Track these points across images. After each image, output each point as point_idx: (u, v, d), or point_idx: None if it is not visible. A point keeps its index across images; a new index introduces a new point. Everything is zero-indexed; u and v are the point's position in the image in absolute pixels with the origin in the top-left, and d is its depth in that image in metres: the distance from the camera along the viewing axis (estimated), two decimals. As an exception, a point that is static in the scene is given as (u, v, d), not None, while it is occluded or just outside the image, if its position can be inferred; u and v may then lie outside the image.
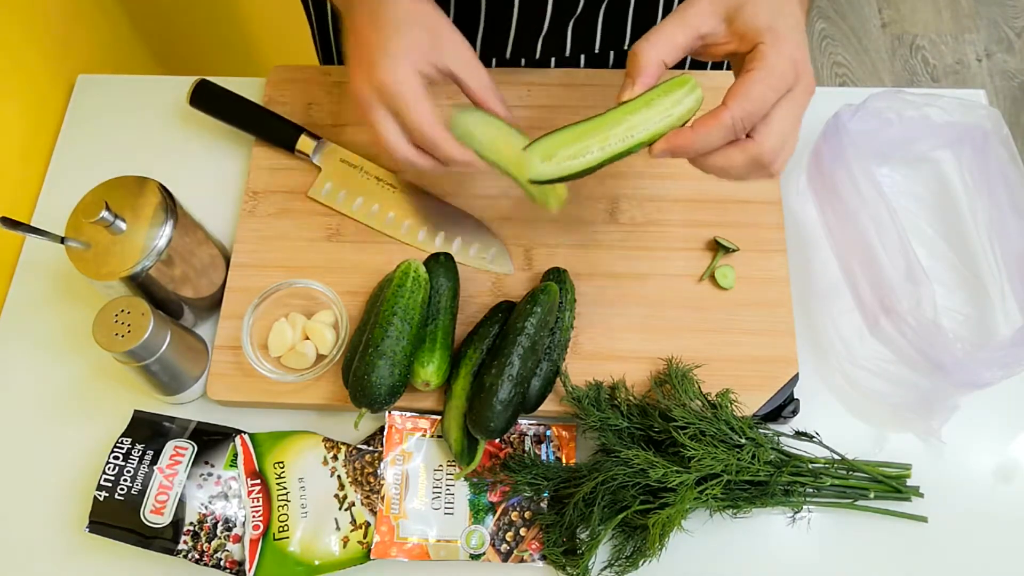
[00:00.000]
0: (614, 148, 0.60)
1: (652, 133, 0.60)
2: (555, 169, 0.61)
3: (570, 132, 0.61)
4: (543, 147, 0.61)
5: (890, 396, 0.75)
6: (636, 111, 0.60)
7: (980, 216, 0.83)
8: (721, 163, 0.59)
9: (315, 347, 0.75)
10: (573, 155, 0.60)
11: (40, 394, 0.79)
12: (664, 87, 0.60)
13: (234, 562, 0.70)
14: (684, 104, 0.60)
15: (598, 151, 0.60)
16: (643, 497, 0.68)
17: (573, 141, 0.60)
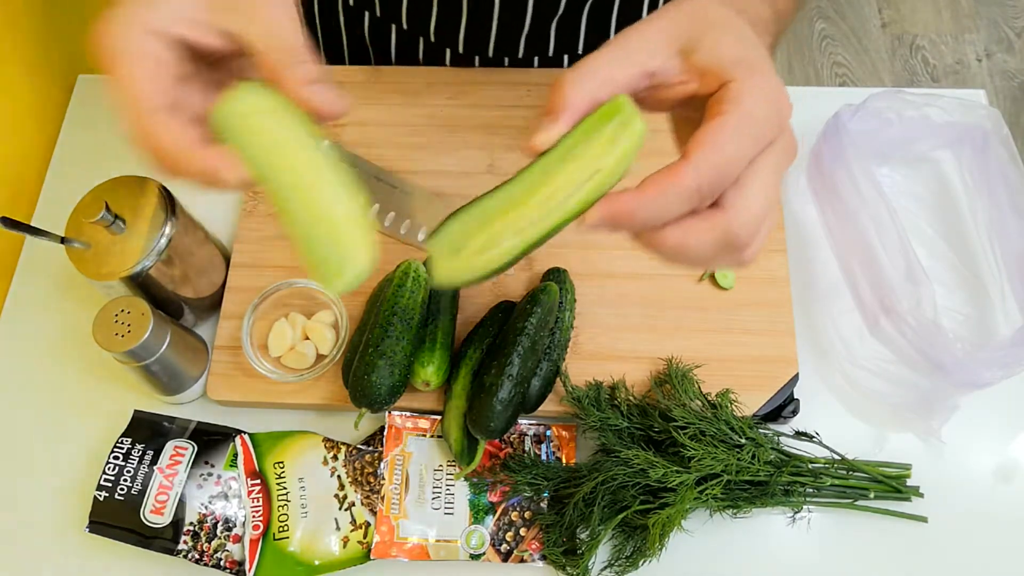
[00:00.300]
0: (533, 231, 0.43)
1: (580, 200, 0.43)
2: (463, 270, 0.44)
3: (476, 211, 0.44)
4: (450, 237, 0.44)
5: (890, 396, 0.75)
6: (556, 167, 0.43)
7: (980, 216, 0.83)
8: (678, 241, 0.42)
9: (315, 347, 0.75)
10: (483, 247, 0.44)
11: (40, 394, 0.79)
12: (587, 124, 0.43)
13: (234, 562, 0.70)
14: (618, 145, 0.42)
15: (514, 238, 0.43)
16: (643, 497, 0.68)
17: (480, 226, 0.44)
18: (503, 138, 0.86)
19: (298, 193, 0.44)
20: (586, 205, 0.43)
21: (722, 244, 0.42)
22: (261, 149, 0.44)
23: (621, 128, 0.43)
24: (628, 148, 0.43)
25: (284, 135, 0.45)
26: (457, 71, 0.90)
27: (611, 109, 0.43)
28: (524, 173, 0.44)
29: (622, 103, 0.43)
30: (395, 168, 0.85)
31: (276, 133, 0.45)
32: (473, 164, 0.85)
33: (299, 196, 0.44)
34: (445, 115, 0.88)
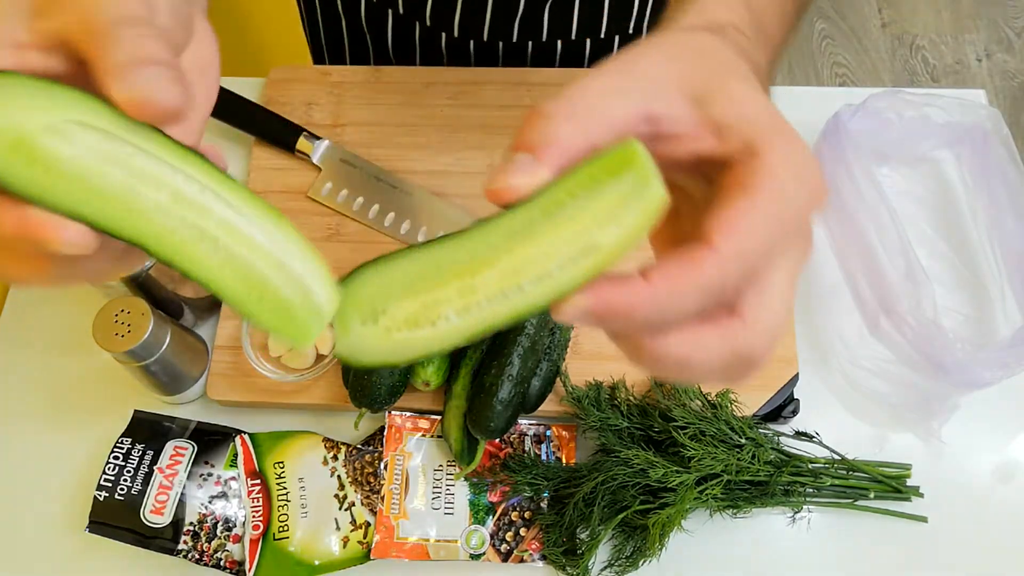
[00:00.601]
0: (486, 314, 0.31)
1: (561, 283, 0.30)
2: (376, 347, 0.32)
3: (408, 266, 0.31)
4: (365, 295, 0.32)
5: (890, 396, 0.75)
6: (531, 229, 0.31)
7: (980, 216, 0.83)
8: (681, 354, 0.31)
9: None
10: (411, 320, 0.31)
11: (40, 394, 0.79)
12: (582, 174, 0.30)
13: (234, 562, 0.70)
14: (627, 216, 0.30)
15: (457, 317, 0.31)
16: (643, 497, 0.68)
17: (412, 289, 0.31)
18: (503, 138, 0.86)
19: (204, 243, 0.30)
20: (568, 290, 0.30)
21: (734, 361, 0.32)
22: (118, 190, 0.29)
23: (633, 192, 0.30)
24: (640, 223, 0.30)
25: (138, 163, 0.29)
26: (457, 71, 0.90)
27: (619, 161, 0.30)
28: (485, 228, 0.31)
29: (635, 154, 0.30)
30: (395, 168, 0.85)
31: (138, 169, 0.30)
32: (473, 164, 0.85)
33: (208, 246, 0.30)
34: (445, 115, 0.88)
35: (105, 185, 0.29)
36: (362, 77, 0.90)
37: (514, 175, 0.30)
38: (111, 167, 0.29)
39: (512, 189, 0.30)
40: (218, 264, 0.30)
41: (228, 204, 0.30)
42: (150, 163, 0.29)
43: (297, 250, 0.31)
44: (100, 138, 0.29)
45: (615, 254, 0.30)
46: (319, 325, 0.32)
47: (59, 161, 0.28)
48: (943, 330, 0.70)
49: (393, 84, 0.90)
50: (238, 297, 0.31)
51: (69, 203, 0.28)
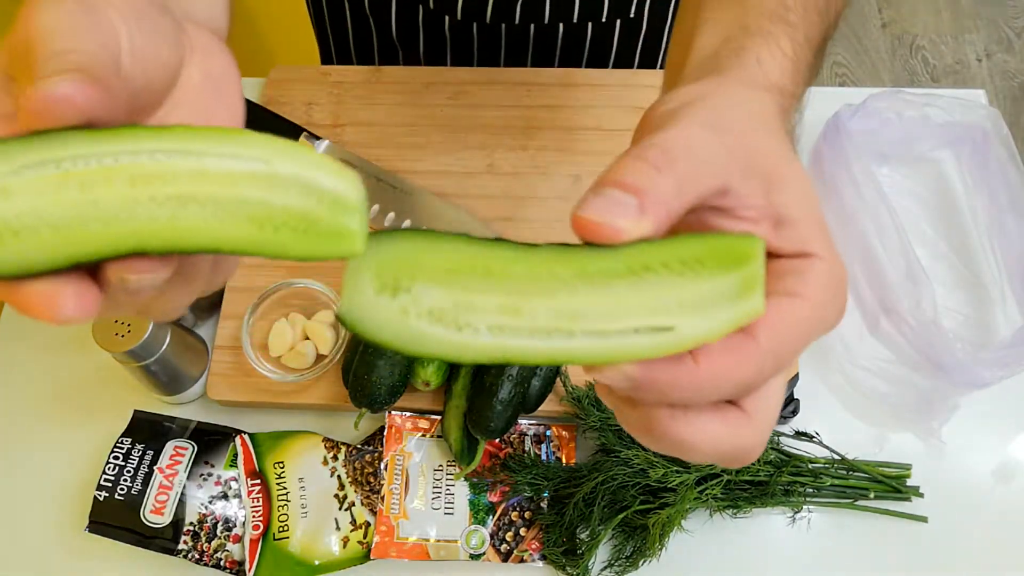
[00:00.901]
0: (520, 344, 0.28)
1: (619, 349, 0.28)
2: (385, 323, 0.28)
3: (459, 253, 0.28)
4: (391, 263, 0.28)
5: (890, 396, 0.75)
6: (607, 280, 0.28)
7: (980, 216, 0.83)
8: (687, 438, 0.31)
9: (315, 347, 0.75)
10: (438, 314, 0.28)
11: (40, 394, 0.79)
12: (686, 247, 0.28)
13: (234, 562, 0.70)
14: (721, 315, 0.28)
15: (484, 332, 0.28)
16: (643, 497, 0.68)
17: (454, 280, 0.28)
18: (503, 138, 0.86)
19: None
20: (620, 357, 0.28)
21: (732, 453, 0.32)
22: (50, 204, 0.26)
23: (734, 293, 0.28)
24: (725, 328, 0.28)
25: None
26: (457, 71, 0.91)
27: (734, 255, 0.28)
28: (556, 253, 0.28)
29: (754, 258, 0.28)
30: (395, 168, 0.85)
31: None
32: (473, 164, 0.85)
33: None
34: (445, 115, 0.88)
35: (61, 214, 0.26)
36: (362, 77, 0.90)
37: (620, 216, 0.28)
38: (60, 193, 0.26)
39: (615, 231, 0.28)
40: (215, 220, 0.27)
41: (191, 154, 0.27)
42: (94, 162, 0.27)
43: (282, 156, 0.28)
44: (38, 171, 0.26)
45: (687, 345, 0.28)
46: (354, 217, 0.28)
47: (6, 222, 0.26)
48: (943, 330, 0.70)
49: (393, 84, 0.90)
50: (256, 240, 0.27)
51: (37, 256, 0.26)
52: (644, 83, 0.90)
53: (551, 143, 0.86)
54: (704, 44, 0.40)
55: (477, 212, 0.83)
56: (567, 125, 0.87)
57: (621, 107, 0.88)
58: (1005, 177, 0.80)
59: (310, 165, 0.28)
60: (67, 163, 0.26)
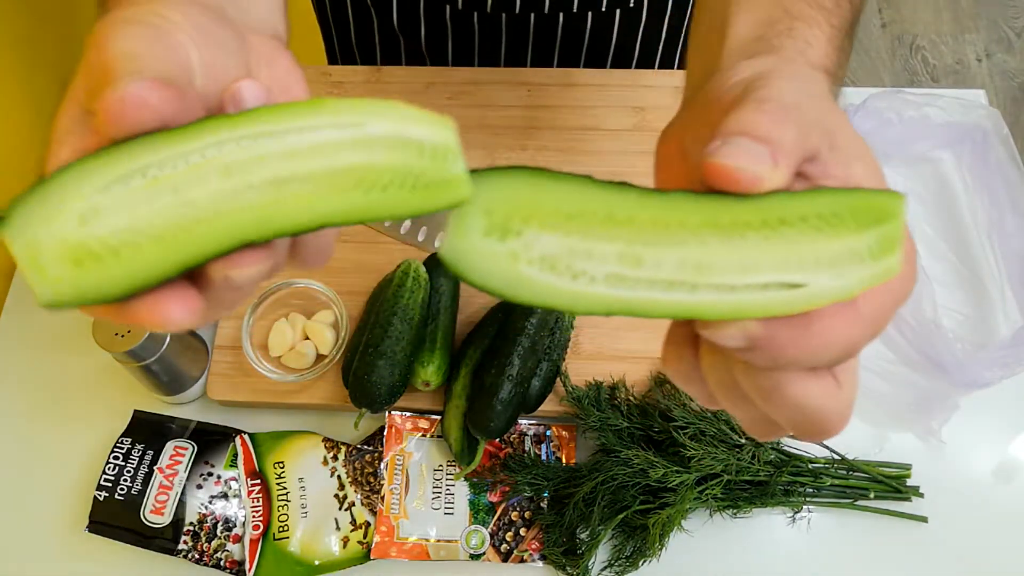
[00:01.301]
0: (638, 295, 0.26)
1: (748, 305, 0.26)
2: (497, 268, 0.26)
3: (577, 195, 0.27)
4: (503, 203, 0.27)
5: (890, 396, 0.75)
6: (738, 234, 0.27)
7: (980, 216, 0.83)
8: (795, 397, 0.30)
9: (315, 347, 0.75)
10: (551, 261, 0.26)
11: (40, 394, 0.79)
12: (828, 202, 0.27)
13: (234, 562, 0.70)
14: (856, 272, 0.27)
15: (600, 282, 0.26)
16: (643, 497, 0.68)
17: (571, 224, 0.27)
18: (503, 138, 0.87)
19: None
20: (743, 314, 0.26)
21: (822, 422, 0.32)
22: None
23: (872, 251, 0.27)
24: (860, 287, 0.27)
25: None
26: (457, 71, 0.91)
27: (875, 211, 0.27)
28: (685, 201, 0.26)
29: (897, 215, 0.27)
30: (395, 168, 0.85)
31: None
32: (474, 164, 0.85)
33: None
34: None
35: (161, 223, 0.25)
36: (362, 77, 0.90)
37: (757, 162, 0.27)
38: (154, 202, 0.25)
39: (755, 178, 0.27)
40: (320, 194, 0.26)
41: (278, 133, 0.26)
42: (181, 163, 0.25)
43: (372, 115, 0.27)
44: (127, 184, 0.25)
45: (818, 303, 0.27)
46: (456, 162, 0.27)
47: (105, 242, 0.25)
48: (943, 330, 0.70)
49: (393, 84, 0.90)
50: (365, 206, 0.26)
51: (144, 272, 0.25)
52: (644, 83, 0.90)
53: (551, 143, 0.86)
54: (743, 28, 0.39)
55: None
56: (567, 125, 0.87)
57: (621, 107, 0.88)
58: (1005, 177, 0.80)
59: (402, 118, 0.27)
60: (154, 169, 0.25)
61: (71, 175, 0.25)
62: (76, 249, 0.25)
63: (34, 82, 0.90)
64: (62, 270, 0.25)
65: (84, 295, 0.25)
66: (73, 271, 0.25)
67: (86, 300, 0.25)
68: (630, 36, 0.93)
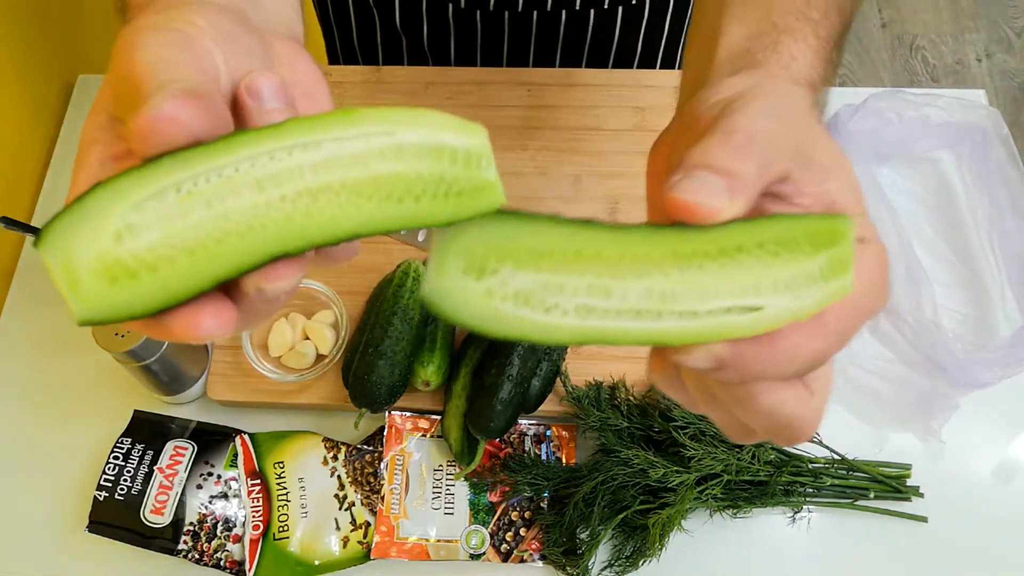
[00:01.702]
0: (607, 324, 0.28)
1: (711, 329, 0.28)
2: (474, 305, 0.27)
3: (549, 233, 0.28)
4: (478, 244, 0.28)
5: (890, 396, 0.75)
6: (698, 262, 0.28)
7: (980, 216, 0.83)
8: (768, 406, 0.31)
9: (315, 347, 0.75)
10: (526, 296, 0.28)
11: (40, 394, 0.78)
12: (775, 227, 0.28)
13: (234, 562, 0.70)
14: (812, 293, 0.29)
15: (572, 314, 0.28)
16: (643, 497, 0.68)
17: (543, 261, 0.28)
18: (503, 138, 0.86)
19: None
20: (708, 338, 0.28)
21: (793, 427, 0.33)
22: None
23: (824, 273, 0.28)
24: (816, 306, 0.28)
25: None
26: (457, 71, 0.91)
27: (825, 234, 0.28)
28: (649, 234, 0.28)
29: (846, 236, 0.28)
30: (395, 168, 0.85)
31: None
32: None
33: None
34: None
35: (195, 238, 0.26)
36: (362, 77, 0.90)
37: (714, 196, 0.28)
38: (188, 216, 0.26)
39: (712, 211, 0.28)
40: (353, 205, 0.27)
41: (310, 145, 0.27)
42: (215, 177, 0.26)
43: (403, 124, 0.27)
44: (161, 200, 0.26)
45: (777, 324, 0.28)
46: (489, 168, 0.28)
47: (140, 258, 0.25)
48: (943, 330, 0.70)
49: (393, 84, 0.90)
50: (398, 216, 0.27)
51: (178, 286, 0.26)
52: (644, 83, 0.90)
53: (551, 143, 0.86)
54: (732, 40, 0.40)
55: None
56: (567, 125, 0.87)
57: (621, 107, 0.88)
58: (1005, 177, 0.80)
59: (433, 126, 0.27)
60: (187, 184, 0.26)
61: (106, 193, 0.25)
62: (112, 266, 0.25)
63: (32, 83, 0.90)
64: (98, 286, 0.25)
65: (119, 311, 0.26)
66: (109, 288, 0.25)
67: (121, 316, 0.26)
68: (632, 34, 0.93)
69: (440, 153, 0.27)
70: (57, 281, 0.25)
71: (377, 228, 0.27)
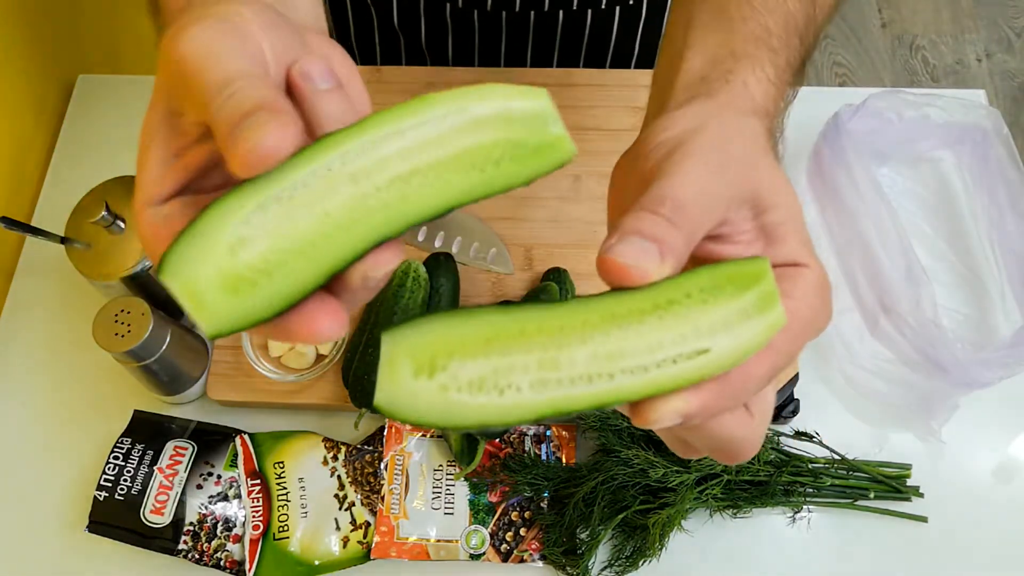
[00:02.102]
0: (564, 393, 0.29)
1: (662, 380, 0.29)
2: (431, 404, 0.28)
3: (491, 321, 0.29)
4: (423, 344, 0.28)
5: (890, 396, 0.75)
6: (636, 320, 0.30)
7: (980, 216, 0.83)
8: (707, 430, 0.33)
9: (315, 347, 0.75)
10: (479, 383, 0.29)
11: (40, 394, 0.79)
12: (702, 277, 0.30)
13: (234, 562, 0.70)
14: (746, 329, 0.30)
15: (527, 389, 0.29)
16: (643, 497, 0.68)
17: (489, 348, 0.29)
18: (503, 138, 0.86)
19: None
20: (664, 389, 0.29)
21: (742, 447, 0.35)
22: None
23: (755, 308, 0.30)
24: (756, 341, 0.30)
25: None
26: (457, 71, 0.91)
27: (746, 276, 0.31)
28: (583, 303, 0.30)
29: (764, 274, 0.31)
30: (395, 168, 0.85)
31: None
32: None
33: None
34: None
35: (302, 239, 0.28)
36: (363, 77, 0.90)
37: (644, 260, 0.30)
38: (293, 220, 0.28)
39: (642, 272, 0.30)
40: (442, 181, 0.29)
41: (393, 135, 0.29)
42: (311, 180, 0.28)
43: (473, 100, 0.30)
44: (265, 211, 0.28)
45: (726, 363, 0.30)
46: (555, 124, 0.31)
47: (254, 266, 0.28)
48: (943, 330, 0.70)
49: (393, 84, 0.90)
50: (483, 183, 0.30)
51: (294, 286, 0.28)
52: (643, 83, 0.90)
53: (551, 143, 0.86)
54: (692, 66, 0.41)
55: (477, 212, 0.83)
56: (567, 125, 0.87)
57: (621, 107, 0.88)
58: (1005, 177, 0.80)
59: (500, 96, 0.30)
60: (287, 192, 0.28)
61: (213, 214, 0.27)
62: (230, 278, 0.27)
63: (33, 83, 0.90)
64: (221, 299, 0.27)
65: (243, 319, 0.28)
66: (232, 299, 0.27)
67: (246, 323, 0.28)
68: (630, 34, 0.93)
69: (510, 119, 0.30)
70: (183, 301, 0.27)
71: (466, 197, 0.29)
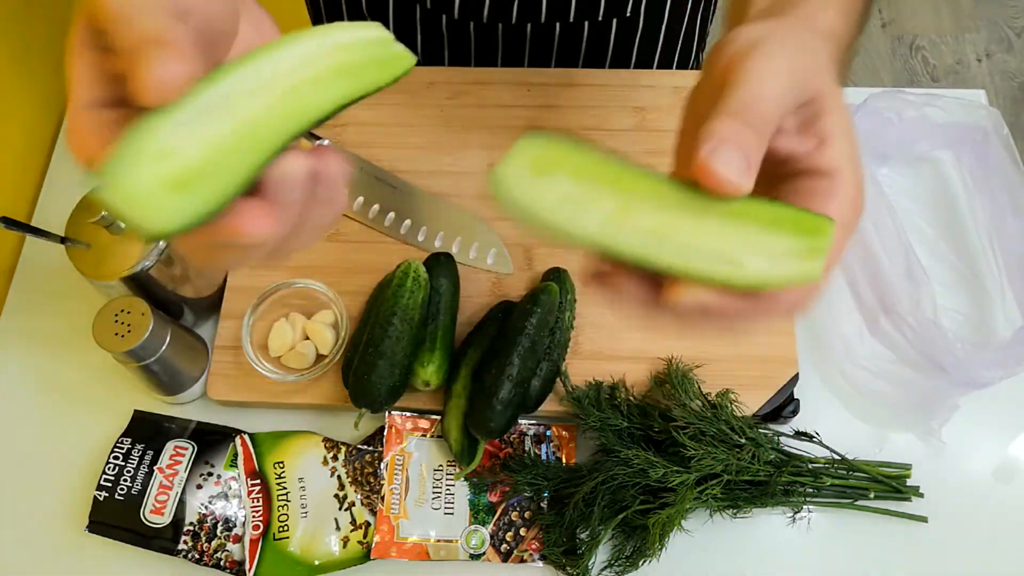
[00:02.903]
0: (623, 238, 0.35)
1: (692, 267, 0.34)
2: (524, 193, 0.35)
3: (600, 163, 0.35)
4: (545, 151, 0.35)
5: (890, 396, 0.75)
6: (701, 214, 0.35)
7: (980, 216, 0.83)
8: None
9: (315, 347, 0.75)
10: (566, 199, 0.35)
11: (40, 394, 0.79)
12: (775, 211, 0.35)
13: (234, 562, 0.70)
14: (785, 268, 0.35)
15: (593, 228, 0.35)
16: (643, 497, 0.68)
17: (590, 181, 0.35)
18: (503, 138, 0.86)
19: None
20: (691, 274, 0.34)
21: None
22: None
23: (800, 255, 0.35)
24: (785, 279, 0.35)
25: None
26: (458, 71, 0.91)
27: (809, 226, 0.35)
28: (669, 183, 0.35)
29: (826, 234, 0.35)
30: (395, 168, 0.85)
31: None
32: (473, 164, 0.85)
33: None
34: (445, 115, 0.88)
35: (227, 140, 0.33)
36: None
37: (742, 175, 0.34)
38: (216, 126, 0.33)
39: (735, 188, 0.34)
40: (328, 86, 0.36)
41: (283, 58, 0.35)
42: (225, 94, 0.34)
43: (335, 31, 0.38)
44: (189, 123, 0.33)
45: (748, 282, 0.35)
46: (396, 44, 0.41)
47: (187, 169, 0.32)
48: (943, 330, 0.70)
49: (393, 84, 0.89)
50: (357, 85, 0.38)
51: (227, 182, 0.33)
52: (644, 83, 0.90)
53: (551, 143, 0.86)
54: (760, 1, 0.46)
55: (477, 212, 0.83)
56: (567, 125, 0.87)
57: (621, 107, 0.88)
58: (1005, 177, 0.80)
59: (351, 28, 0.38)
60: (202, 108, 0.33)
61: (138, 134, 0.31)
62: (166, 182, 0.31)
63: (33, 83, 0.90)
64: (159, 199, 0.31)
65: (183, 218, 0.31)
66: (168, 200, 0.31)
67: (186, 222, 0.31)
68: (627, 46, 0.93)
69: (364, 41, 0.38)
70: (123, 211, 0.30)
71: (347, 99, 0.37)
